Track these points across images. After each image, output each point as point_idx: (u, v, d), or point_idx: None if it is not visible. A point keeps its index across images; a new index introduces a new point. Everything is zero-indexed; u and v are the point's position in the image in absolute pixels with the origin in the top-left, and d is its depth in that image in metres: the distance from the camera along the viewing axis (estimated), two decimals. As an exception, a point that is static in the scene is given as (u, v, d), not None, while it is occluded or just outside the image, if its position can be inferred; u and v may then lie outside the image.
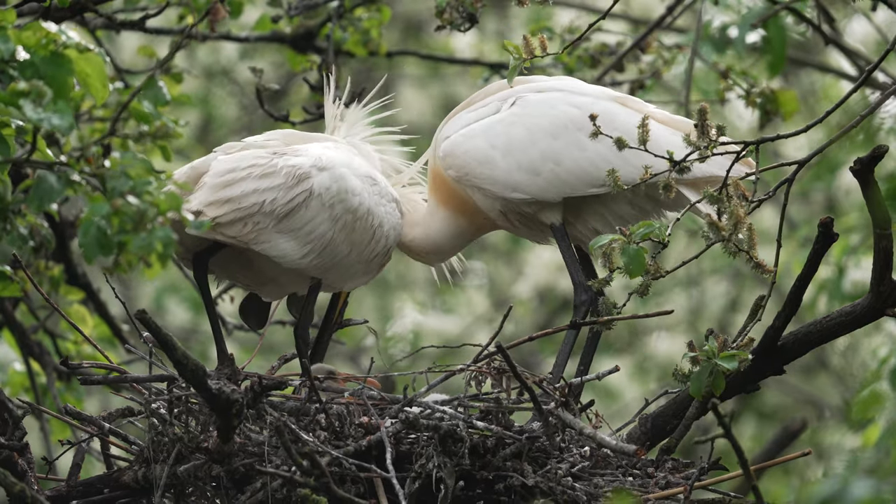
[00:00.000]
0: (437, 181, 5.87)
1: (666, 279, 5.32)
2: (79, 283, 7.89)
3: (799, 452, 5.30)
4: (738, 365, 5.14)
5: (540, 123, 5.72)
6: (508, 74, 5.58)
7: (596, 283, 5.30)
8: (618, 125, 5.56)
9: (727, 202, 5.19)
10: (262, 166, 5.53)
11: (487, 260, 12.48)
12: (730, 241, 5.15)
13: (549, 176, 5.69)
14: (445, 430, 5.27)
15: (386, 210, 5.73)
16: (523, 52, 5.53)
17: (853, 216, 8.73)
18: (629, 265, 5.13)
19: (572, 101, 5.71)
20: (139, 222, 4.40)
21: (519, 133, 5.73)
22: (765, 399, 11.54)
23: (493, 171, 5.74)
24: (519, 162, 5.72)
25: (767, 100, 7.66)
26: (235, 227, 5.50)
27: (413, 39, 12.32)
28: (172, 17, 7.87)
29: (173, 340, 5.07)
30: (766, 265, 5.23)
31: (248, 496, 5.28)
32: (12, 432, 5.37)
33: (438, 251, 5.93)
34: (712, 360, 5.15)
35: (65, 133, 4.42)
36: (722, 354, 5.17)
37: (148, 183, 4.43)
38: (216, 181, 5.49)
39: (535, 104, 5.74)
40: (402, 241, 5.91)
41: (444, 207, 5.88)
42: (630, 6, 10.79)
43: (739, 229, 5.17)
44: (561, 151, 5.68)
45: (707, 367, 5.15)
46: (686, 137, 5.24)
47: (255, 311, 5.94)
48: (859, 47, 8.23)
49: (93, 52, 4.68)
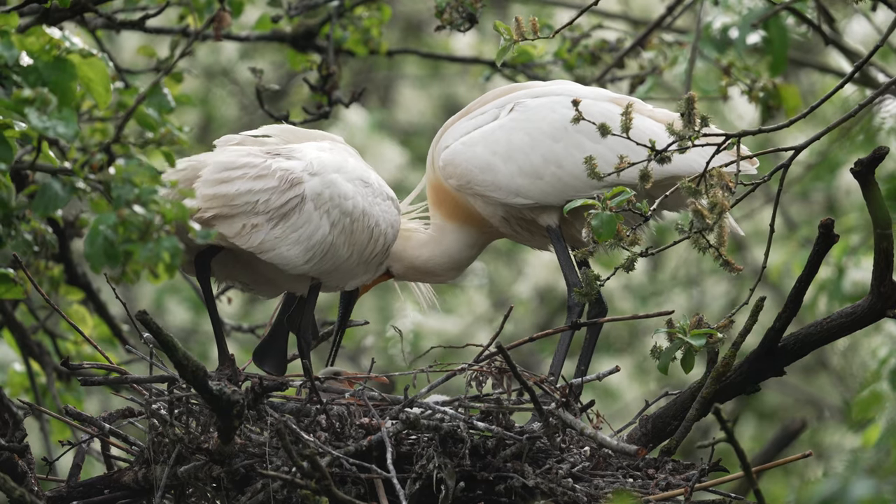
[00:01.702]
0: (440, 194, 5.87)
1: (666, 279, 5.32)
2: (79, 283, 7.89)
3: (800, 454, 5.30)
4: (709, 343, 5.16)
5: (540, 127, 5.73)
6: (497, 54, 5.59)
7: (595, 281, 5.29)
8: (617, 126, 5.57)
9: (706, 193, 5.18)
10: (257, 167, 5.54)
11: (487, 260, 12.48)
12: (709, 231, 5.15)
13: (551, 179, 5.69)
14: (446, 430, 5.27)
15: (381, 209, 5.74)
16: (514, 33, 5.53)
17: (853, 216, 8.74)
18: (599, 229, 5.13)
19: (570, 104, 5.71)
20: (146, 232, 4.39)
21: (519, 138, 5.74)
22: (765, 399, 11.54)
23: (495, 178, 5.75)
24: (521, 167, 5.72)
25: (770, 95, 7.66)
26: (230, 225, 5.50)
27: (413, 39, 12.32)
28: (172, 17, 7.88)
29: (174, 341, 5.07)
30: (734, 263, 5.24)
31: (249, 497, 5.28)
32: (13, 433, 5.37)
33: (455, 265, 5.94)
34: (682, 338, 5.18)
35: (70, 141, 4.41)
36: (692, 332, 5.19)
37: (154, 191, 4.42)
38: (212, 177, 5.50)
39: (535, 109, 5.75)
40: (416, 265, 5.90)
41: (450, 221, 5.89)
42: (630, 6, 10.79)
43: (723, 219, 5.17)
44: (562, 154, 5.69)
45: (678, 344, 5.19)
46: (669, 126, 5.25)
47: (274, 353, 5.89)
48: (859, 47, 8.22)
49: (96, 56, 4.68)
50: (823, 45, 7.90)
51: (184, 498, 5.36)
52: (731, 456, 4.80)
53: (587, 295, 5.38)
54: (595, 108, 5.65)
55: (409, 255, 5.91)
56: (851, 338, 8.29)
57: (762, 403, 11.56)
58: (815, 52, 10.22)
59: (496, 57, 5.63)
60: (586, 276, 5.37)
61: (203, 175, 5.50)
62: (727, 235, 5.18)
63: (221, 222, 5.50)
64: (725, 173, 5.23)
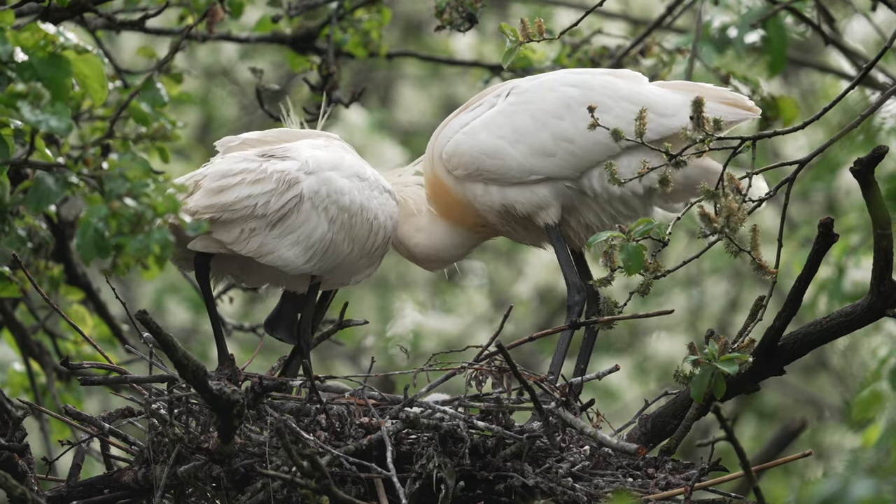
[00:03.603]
0: (438, 191, 5.88)
1: (666, 279, 5.33)
2: (79, 283, 7.89)
3: (800, 453, 5.30)
4: (739, 368, 5.15)
5: (543, 107, 5.75)
6: (504, 57, 5.62)
7: (596, 283, 5.31)
8: (622, 94, 5.65)
9: (723, 198, 5.21)
10: (254, 171, 5.56)
11: (487, 260, 12.48)
12: (723, 233, 5.17)
13: (564, 154, 5.73)
14: (446, 429, 5.27)
15: (379, 202, 5.75)
16: (520, 35, 5.55)
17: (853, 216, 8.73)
18: (628, 262, 5.15)
19: (569, 81, 5.76)
20: (137, 224, 4.39)
21: (523, 120, 5.76)
22: (765, 399, 11.54)
23: (504, 160, 5.77)
24: (531, 147, 5.75)
25: (767, 106, 7.67)
26: (228, 231, 5.51)
27: (413, 40, 12.32)
28: (172, 18, 7.87)
29: (174, 341, 5.07)
30: (769, 266, 5.25)
31: (249, 497, 5.28)
32: (13, 433, 5.37)
33: (441, 260, 5.98)
34: (713, 364, 5.15)
35: (63, 135, 4.41)
36: (722, 357, 5.17)
37: (146, 185, 4.43)
38: (211, 186, 5.52)
39: (533, 90, 5.78)
40: (405, 244, 5.93)
41: (443, 218, 5.91)
42: (630, 6, 10.79)
43: (733, 222, 5.19)
44: (570, 130, 5.72)
45: (708, 371, 5.16)
46: (683, 131, 5.33)
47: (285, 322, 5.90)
48: (859, 47, 8.22)
49: (91, 53, 4.68)
50: (823, 45, 7.90)
51: (184, 498, 5.36)
52: (731, 455, 4.80)
53: (608, 324, 5.40)
54: (596, 81, 5.72)
55: (403, 231, 5.94)
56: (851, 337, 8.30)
57: (762, 403, 11.56)
58: (814, 51, 10.22)
59: (502, 59, 5.65)
60: (606, 304, 5.38)
61: (203, 185, 5.51)
62: (760, 239, 5.21)
63: (220, 228, 5.51)
64: (736, 178, 5.26)
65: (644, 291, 5.23)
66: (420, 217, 5.95)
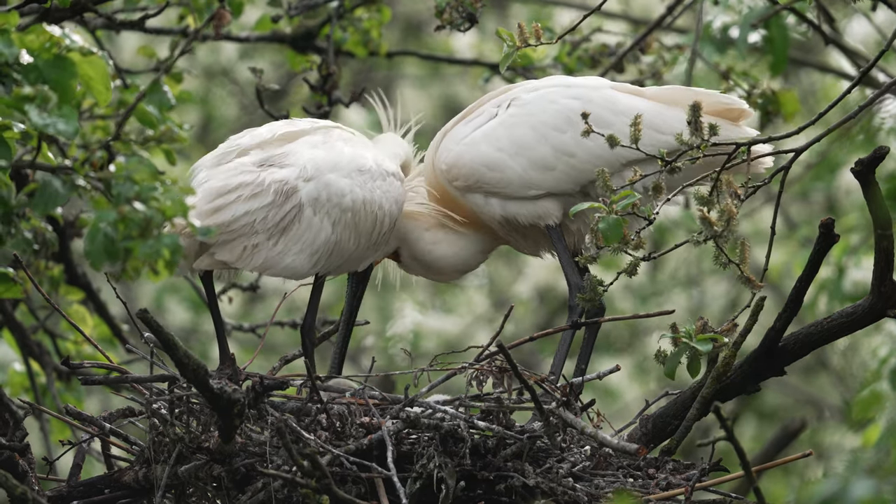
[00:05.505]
0: (446, 198, 5.86)
1: (666, 279, 5.33)
2: (79, 283, 7.89)
3: (800, 454, 5.30)
4: (714, 348, 5.18)
5: (543, 120, 5.74)
6: (501, 61, 5.62)
7: (582, 259, 5.31)
8: (621, 108, 5.63)
9: (717, 201, 5.22)
10: (251, 185, 5.51)
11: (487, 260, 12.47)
12: (721, 238, 5.18)
13: (564, 168, 5.71)
14: (446, 429, 5.27)
15: (382, 189, 5.71)
16: (517, 39, 5.55)
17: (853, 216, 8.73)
18: (607, 232, 5.16)
19: (570, 94, 5.74)
20: (146, 229, 4.39)
21: (524, 132, 5.74)
22: (765, 399, 11.54)
23: (504, 174, 5.75)
24: (531, 160, 5.73)
25: (768, 100, 7.66)
26: (231, 250, 5.49)
27: (413, 39, 12.32)
28: (172, 17, 7.87)
29: (175, 340, 5.07)
30: (755, 280, 5.26)
31: (250, 496, 5.28)
32: (13, 433, 5.37)
33: (464, 268, 5.99)
34: (689, 343, 5.19)
35: (70, 138, 4.41)
36: (699, 336, 5.20)
37: (153, 188, 4.42)
38: (206, 207, 5.47)
39: (534, 102, 5.76)
40: (425, 259, 5.89)
41: (460, 226, 5.89)
42: (630, 6, 10.79)
43: (732, 225, 5.19)
44: (572, 144, 5.70)
45: (683, 349, 5.20)
46: (678, 137, 5.32)
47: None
48: (859, 47, 8.22)
49: (96, 54, 4.68)
50: (823, 45, 7.90)
51: (184, 497, 5.36)
52: (731, 455, 4.81)
53: (591, 300, 5.39)
54: (596, 95, 5.69)
55: (422, 247, 5.90)
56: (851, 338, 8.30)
57: (762, 403, 11.56)
58: (815, 51, 10.22)
59: (500, 64, 5.65)
60: (590, 281, 5.38)
61: (197, 206, 5.44)
62: (749, 253, 5.22)
63: (221, 248, 5.49)
64: (733, 181, 5.26)
65: (632, 272, 5.23)
66: (436, 231, 5.92)
